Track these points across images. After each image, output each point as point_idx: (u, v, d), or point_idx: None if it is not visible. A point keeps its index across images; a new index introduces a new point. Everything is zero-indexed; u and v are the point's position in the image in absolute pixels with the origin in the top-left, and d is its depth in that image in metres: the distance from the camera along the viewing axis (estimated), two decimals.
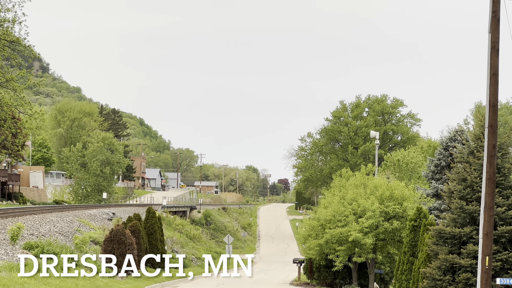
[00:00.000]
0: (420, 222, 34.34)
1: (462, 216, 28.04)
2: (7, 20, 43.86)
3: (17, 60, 44.57)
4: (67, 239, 44.23)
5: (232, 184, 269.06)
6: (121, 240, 41.79)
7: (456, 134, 47.73)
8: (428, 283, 28.19)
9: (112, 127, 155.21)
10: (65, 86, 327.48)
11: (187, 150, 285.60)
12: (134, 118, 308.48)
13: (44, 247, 34.84)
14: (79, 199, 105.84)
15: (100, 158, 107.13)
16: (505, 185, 28.18)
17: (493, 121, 23.69)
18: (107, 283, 35.91)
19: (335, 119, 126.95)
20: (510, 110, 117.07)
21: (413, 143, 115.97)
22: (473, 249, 26.97)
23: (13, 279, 26.76)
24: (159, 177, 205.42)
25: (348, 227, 45.24)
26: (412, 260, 34.16)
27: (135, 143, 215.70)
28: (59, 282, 30.15)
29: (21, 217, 46.36)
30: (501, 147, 28.27)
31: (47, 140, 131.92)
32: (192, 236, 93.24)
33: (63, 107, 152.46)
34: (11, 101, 45.05)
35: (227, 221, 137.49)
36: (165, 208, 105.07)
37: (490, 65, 23.59)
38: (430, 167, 48.98)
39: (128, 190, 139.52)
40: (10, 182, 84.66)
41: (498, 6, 23.66)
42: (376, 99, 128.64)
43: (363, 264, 50.71)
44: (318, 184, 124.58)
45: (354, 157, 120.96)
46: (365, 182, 49.52)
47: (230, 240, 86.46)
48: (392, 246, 47.31)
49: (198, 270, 66.64)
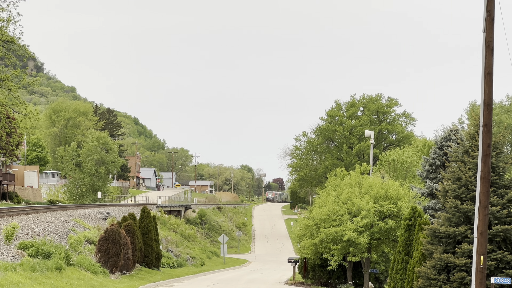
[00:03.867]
0: (415, 221, 34.36)
1: (456, 215, 28.06)
2: (1, 19, 43.81)
3: (12, 59, 44.49)
4: (62, 239, 44.14)
5: (227, 184, 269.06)
6: (115, 239, 41.73)
7: (451, 133, 47.78)
8: (422, 282, 28.21)
9: (107, 127, 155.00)
10: (60, 85, 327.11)
11: (182, 150, 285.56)
12: (129, 117, 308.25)
13: (38, 246, 34.74)
14: (74, 198, 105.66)
15: (94, 158, 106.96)
16: (499, 184, 28.20)
17: (488, 120, 23.71)
18: (101, 282, 35.85)
19: (330, 119, 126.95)
20: (504, 109, 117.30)
21: (408, 142, 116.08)
22: (468, 248, 26.99)
23: (7, 279, 26.70)
24: (153, 177, 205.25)
25: (343, 226, 45.27)
26: (407, 259, 34.18)
27: (130, 143, 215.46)
28: (54, 281, 30.09)
29: (16, 217, 46.25)
30: (495, 146, 28.30)
31: (41, 140, 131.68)
32: (187, 236, 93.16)
33: (58, 107, 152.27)
34: (5, 100, 44.98)
35: (222, 220, 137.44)
36: (160, 207, 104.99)
37: (485, 64, 23.60)
38: (425, 166, 49.02)
39: (123, 189, 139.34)
40: (5, 181, 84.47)
41: (493, 5, 23.68)
42: (371, 99, 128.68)
43: (358, 263, 50.75)
44: (313, 183, 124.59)
45: (349, 156, 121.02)
46: (359, 182, 49.56)
47: (225, 240, 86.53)
48: (387, 245, 47.36)
49: (193, 270, 66.65)
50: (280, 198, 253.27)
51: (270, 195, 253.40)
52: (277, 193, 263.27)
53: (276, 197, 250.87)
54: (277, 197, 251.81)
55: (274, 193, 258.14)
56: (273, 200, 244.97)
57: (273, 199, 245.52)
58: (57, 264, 33.22)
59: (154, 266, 54.57)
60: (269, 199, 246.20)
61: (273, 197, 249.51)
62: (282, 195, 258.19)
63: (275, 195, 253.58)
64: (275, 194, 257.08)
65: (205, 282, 50.38)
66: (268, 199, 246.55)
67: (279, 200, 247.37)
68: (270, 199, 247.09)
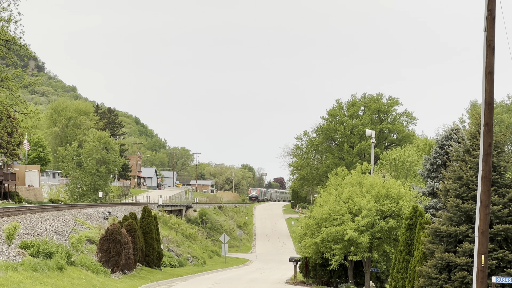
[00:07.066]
0: (416, 220, 34.35)
1: (458, 215, 28.05)
2: (2, 19, 43.77)
3: (13, 59, 44.46)
4: (63, 238, 44.17)
5: (228, 183, 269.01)
6: (117, 239, 41.75)
7: (452, 133, 47.73)
8: (424, 282, 28.20)
9: (108, 126, 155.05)
10: (61, 85, 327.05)
11: (183, 149, 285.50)
12: (129, 117, 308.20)
13: (40, 246, 34.75)
14: (75, 198, 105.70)
15: (95, 157, 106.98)
16: (500, 183, 28.19)
17: (489, 119, 23.69)
18: (103, 282, 35.86)
19: (331, 118, 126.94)
20: (505, 108, 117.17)
21: (409, 141, 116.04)
22: (469, 248, 26.98)
23: (9, 278, 26.70)
24: (155, 176, 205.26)
25: (344, 225, 45.25)
26: (408, 258, 34.17)
27: (131, 142, 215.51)
28: (55, 281, 30.10)
29: (17, 216, 46.26)
30: (496, 145, 28.30)
31: (42, 139, 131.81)
32: (188, 235, 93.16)
33: (59, 106, 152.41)
34: (6, 100, 44.97)
35: (223, 220, 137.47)
36: (161, 207, 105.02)
37: (486, 63, 23.58)
38: (426, 165, 48.98)
39: (124, 189, 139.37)
40: (6, 181, 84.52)
41: (494, 4, 23.67)
42: (372, 98, 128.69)
43: (359, 262, 50.74)
44: (314, 182, 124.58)
45: (350, 155, 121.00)
46: (361, 181, 49.53)
47: (226, 239, 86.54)
48: (388, 244, 47.34)
49: (194, 269, 66.66)
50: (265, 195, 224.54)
51: (254, 193, 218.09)
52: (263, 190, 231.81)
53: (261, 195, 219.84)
54: (262, 195, 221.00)
55: (259, 190, 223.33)
56: (257, 198, 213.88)
57: (257, 198, 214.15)
58: (58, 264, 33.22)
59: (155, 265, 54.60)
60: (252, 198, 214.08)
61: (257, 195, 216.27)
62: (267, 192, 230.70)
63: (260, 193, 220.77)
64: (260, 191, 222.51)
65: (206, 281, 50.38)
66: (252, 198, 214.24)
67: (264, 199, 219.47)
68: (254, 197, 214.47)
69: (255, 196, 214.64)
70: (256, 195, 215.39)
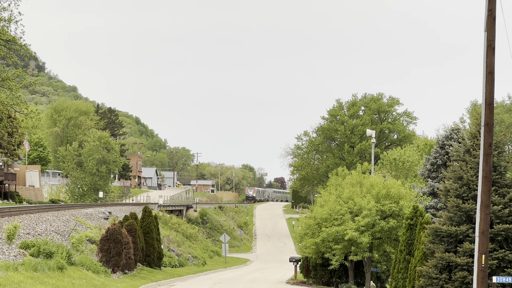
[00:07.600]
0: (417, 220, 34.34)
1: (458, 215, 28.04)
2: (3, 19, 43.76)
3: (13, 59, 44.47)
4: (64, 238, 44.17)
5: (229, 183, 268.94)
6: (117, 239, 41.76)
7: (452, 133, 47.74)
8: (424, 282, 28.19)
9: (108, 126, 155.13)
10: (61, 85, 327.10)
11: (183, 149, 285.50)
12: (130, 117, 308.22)
13: (40, 246, 34.76)
14: (75, 198, 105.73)
15: (96, 157, 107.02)
16: (501, 183, 28.18)
17: (489, 119, 23.69)
18: (103, 282, 35.87)
19: (332, 118, 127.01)
20: (506, 108, 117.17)
21: (409, 141, 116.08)
22: (470, 248, 26.97)
23: (9, 278, 26.70)
24: (155, 176, 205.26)
25: (345, 225, 45.24)
26: (408, 258, 34.16)
27: (131, 142, 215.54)
28: (56, 281, 30.10)
29: (17, 216, 46.27)
30: (497, 145, 28.29)
31: (43, 139, 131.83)
32: (188, 235, 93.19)
33: (59, 106, 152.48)
34: (7, 100, 44.97)
35: (223, 220, 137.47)
36: (161, 207, 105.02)
37: (486, 63, 23.59)
38: (426, 165, 48.98)
39: (124, 189, 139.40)
40: (6, 181, 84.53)
41: (494, 4, 23.67)
42: (372, 98, 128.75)
43: (359, 262, 50.74)
44: (314, 182, 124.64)
45: (350, 155, 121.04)
46: (361, 181, 49.51)
47: (227, 239, 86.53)
48: (389, 244, 47.33)
49: (195, 269, 66.66)
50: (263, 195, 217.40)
51: (251, 192, 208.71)
52: (261, 189, 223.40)
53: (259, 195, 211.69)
54: (260, 195, 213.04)
55: (257, 190, 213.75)
56: (255, 198, 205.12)
57: (254, 198, 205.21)
58: (58, 264, 33.23)
59: (155, 265, 54.62)
60: (249, 198, 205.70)
61: (255, 195, 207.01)
62: (265, 192, 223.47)
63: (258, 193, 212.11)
64: (257, 191, 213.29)
65: (206, 281, 50.37)
66: (248, 198, 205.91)
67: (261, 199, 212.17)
68: (251, 197, 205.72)
69: (252, 196, 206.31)
70: (253, 195, 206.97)
